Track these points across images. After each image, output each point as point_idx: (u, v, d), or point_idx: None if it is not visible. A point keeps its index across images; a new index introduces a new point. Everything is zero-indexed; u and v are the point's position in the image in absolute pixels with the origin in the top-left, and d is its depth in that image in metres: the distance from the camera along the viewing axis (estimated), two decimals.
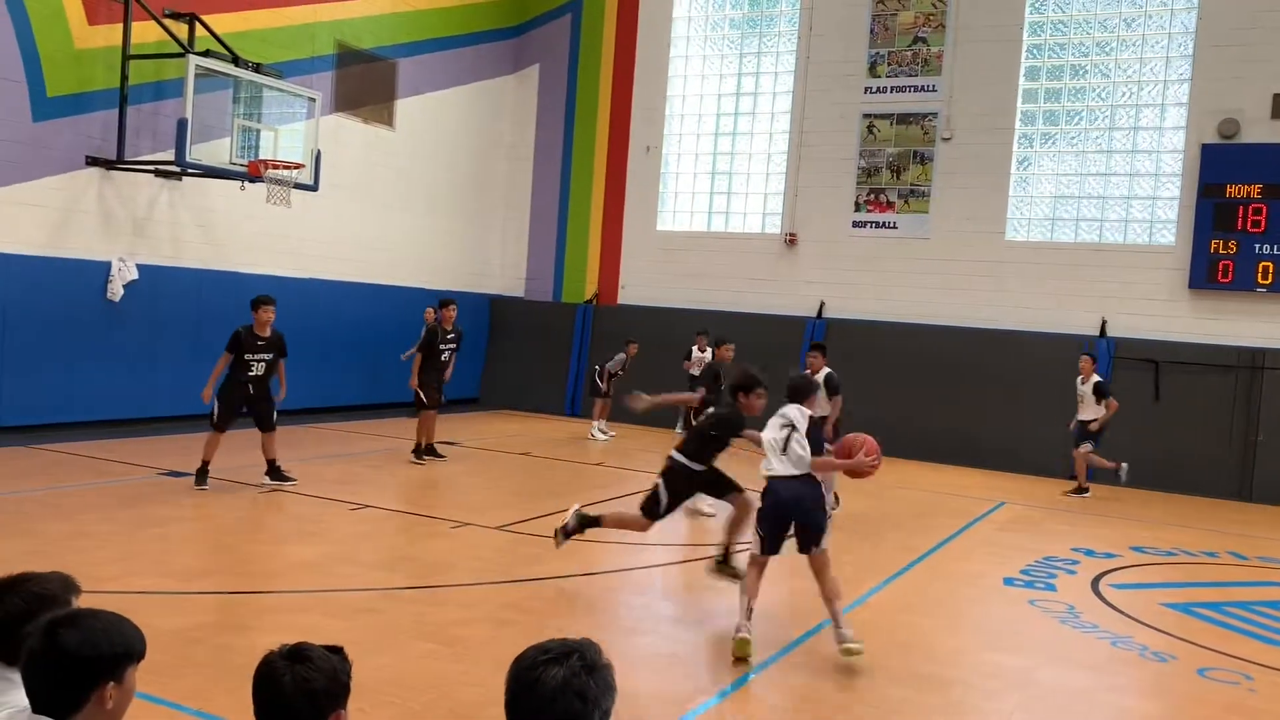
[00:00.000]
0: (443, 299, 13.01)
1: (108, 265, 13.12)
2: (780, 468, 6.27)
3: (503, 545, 8.56)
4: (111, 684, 2.47)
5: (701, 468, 7.24)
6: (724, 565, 7.31)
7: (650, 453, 14.84)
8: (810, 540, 6.24)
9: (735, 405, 7.07)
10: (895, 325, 16.69)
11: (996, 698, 5.80)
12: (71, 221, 12.83)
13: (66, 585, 2.84)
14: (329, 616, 6.30)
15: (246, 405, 10.10)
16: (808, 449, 6.23)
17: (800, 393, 6.73)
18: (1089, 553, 9.77)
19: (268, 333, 10.14)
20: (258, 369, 10.07)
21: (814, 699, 5.54)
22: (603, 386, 16.27)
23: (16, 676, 2.69)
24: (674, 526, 10.17)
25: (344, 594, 6.84)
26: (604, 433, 16.10)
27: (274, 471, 10.25)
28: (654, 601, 7.25)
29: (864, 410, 15.85)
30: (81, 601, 2.85)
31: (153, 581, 6.76)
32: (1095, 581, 8.60)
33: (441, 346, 12.42)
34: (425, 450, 12.51)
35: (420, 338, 13.10)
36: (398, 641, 5.91)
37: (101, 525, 8.18)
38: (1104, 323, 15.58)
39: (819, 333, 17.23)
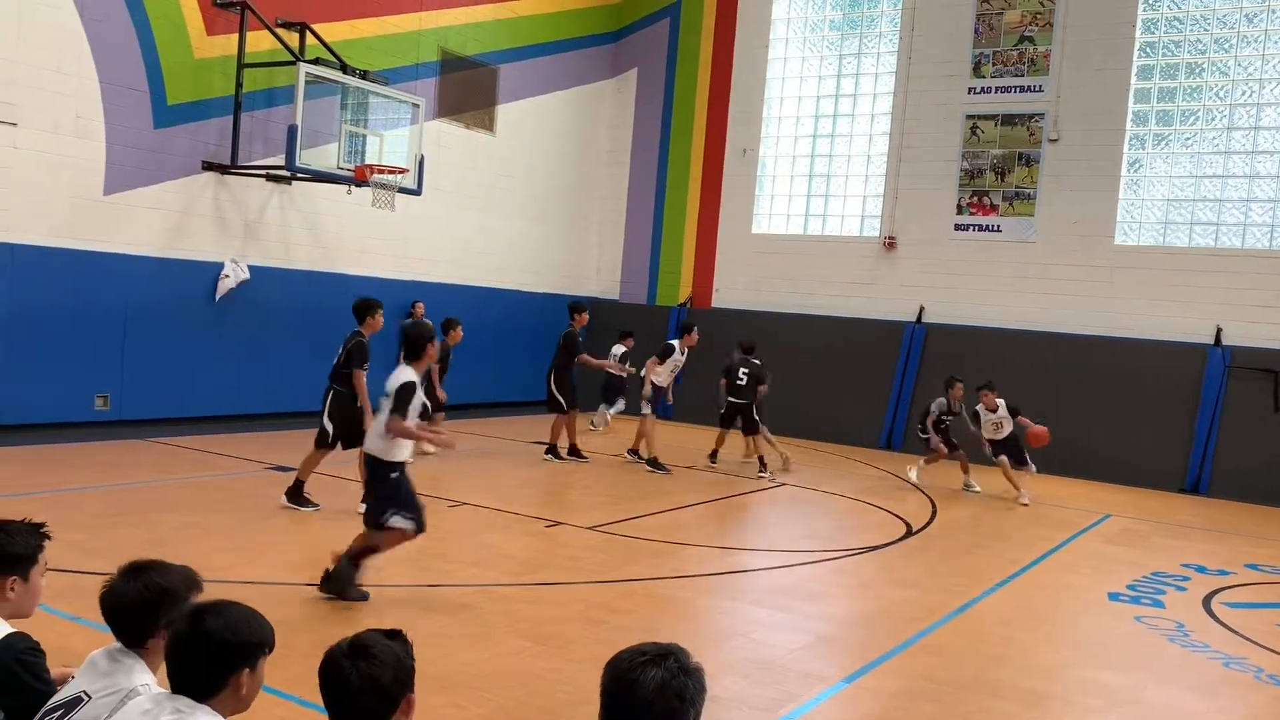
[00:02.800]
0: (573, 304, 13.54)
1: (221, 266, 13.63)
2: None
3: (595, 545, 8.63)
4: (247, 670, 2.59)
5: None
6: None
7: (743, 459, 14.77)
8: None
9: None
10: (998, 331, 16.31)
11: (1099, 716, 5.62)
12: (188, 224, 13.38)
13: (189, 582, 2.94)
14: (426, 611, 6.44)
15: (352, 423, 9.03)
16: None
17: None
18: (1201, 569, 9.40)
19: None
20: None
21: (910, 709, 5.45)
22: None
23: (131, 660, 2.82)
24: (772, 532, 10.12)
25: (441, 589, 6.98)
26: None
27: (297, 492, 9.17)
28: (745, 606, 7.22)
29: (964, 419, 15.56)
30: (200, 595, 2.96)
31: (260, 572, 7.01)
32: (1207, 599, 8.27)
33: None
34: (570, 451, 13.10)
35: (562, 342, 13.16)
36: (491, 637, 6.01)
37: (212, 517, 8.50)
38: (1219, 330, 14.96)
39: (918, 338, 16.95)
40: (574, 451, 13.16)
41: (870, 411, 17.04)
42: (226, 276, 13.62)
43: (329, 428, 9.14)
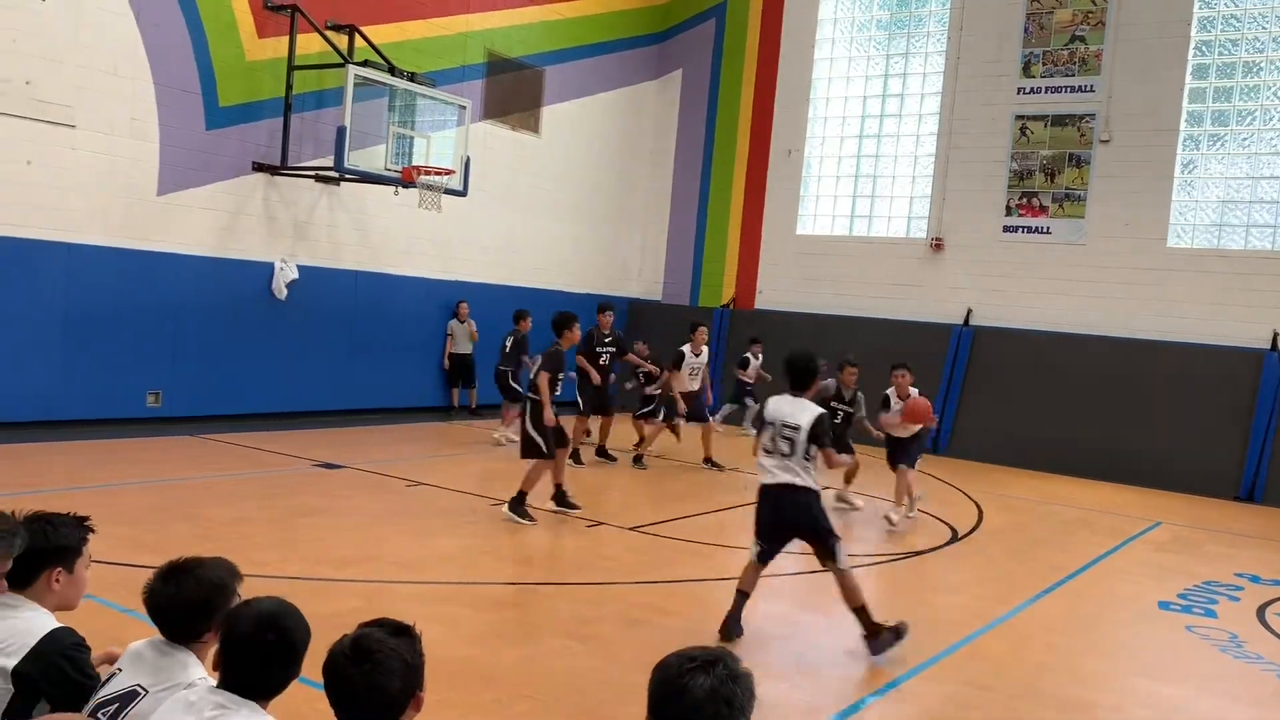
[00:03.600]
0: (601, 304, 13.17)
1: (271, 266, 13.82)
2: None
3: (636, 546, 8.63)
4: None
5: None
6: None
7: None
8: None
9: None
10: (1047, 334, 16.09)
11: None
12: (239, 224, 13.58)
13: (234, 574, 2.98)
14: (470, 608, 6.47)
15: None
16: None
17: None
18: (1255, 579, 9.20)
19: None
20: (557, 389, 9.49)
21: (955, 715, 5.39)
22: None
23: (182, 654, 2.85)
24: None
25: (484, 586, 7.02)
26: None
27: (560, 497, 9.58)
28: (788, 609, 7.18)
29: (1011, 422, 15.39)
30: (243, 585, 3.00)
31: (306, 568, 7.09)
32: (1261, 610, 8.09)
33: (598, 350, 12.56)
34: (599, 452, 13.05)
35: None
36: (533, 636, 6.03)
37: (261, 513, 8.62)
38: (1275, 335, 14.63)
39: (965, 341, 16.76)
40: (602, 452, 13.09)
41: None
42: (277, 278, 13.80)
43: (538, 439, 9.17)
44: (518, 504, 9.08)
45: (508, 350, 13.48)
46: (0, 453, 10.20)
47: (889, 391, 10.86)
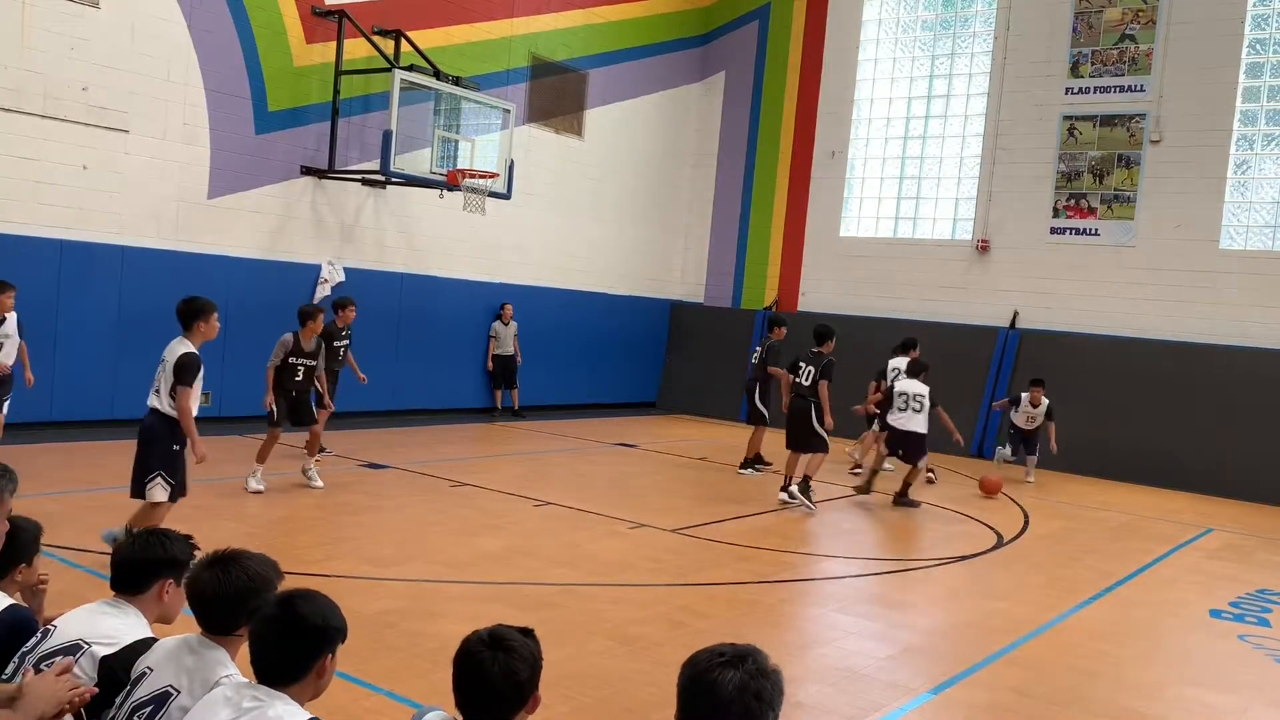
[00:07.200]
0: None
1: (318, 267, 14.01)
2: None
3: (678, 548, 8.64)
4: (330, 656, 2.67)
5: None
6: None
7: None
8: None
9: None
10: (1096, 338, 15.87)
11: None
12: (287, 227, 13.78)
13: (275, 569, 3.04)
14: (512, 608, 6.52)
15: None
16: None
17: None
18: None
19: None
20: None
21: None
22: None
23: (213, 651, 2.90)
24: (859, 540, 10.01)
25: (526, 586, 7.07)
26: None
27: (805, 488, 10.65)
28: (830, 613, 7.15)
29: (1058, 427, 15.17)
30: (291, 583, 3.06)
31: (352, 566, 7.18)
32: None
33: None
34: (758, 461, 13.06)
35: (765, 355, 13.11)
36: (575, 637, 6.06)
37: (308, 512, 8.75)
38: None
39: (1011, 344, 16.58)
40: (759, 460, 12.96)
41: (961, 418, 16.63)
42: (325, 281, 14.02)
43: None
44: (803, 489, 10.47)
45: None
46: (57, 451, 10.44)
47: (1024, 395, 14.00)
